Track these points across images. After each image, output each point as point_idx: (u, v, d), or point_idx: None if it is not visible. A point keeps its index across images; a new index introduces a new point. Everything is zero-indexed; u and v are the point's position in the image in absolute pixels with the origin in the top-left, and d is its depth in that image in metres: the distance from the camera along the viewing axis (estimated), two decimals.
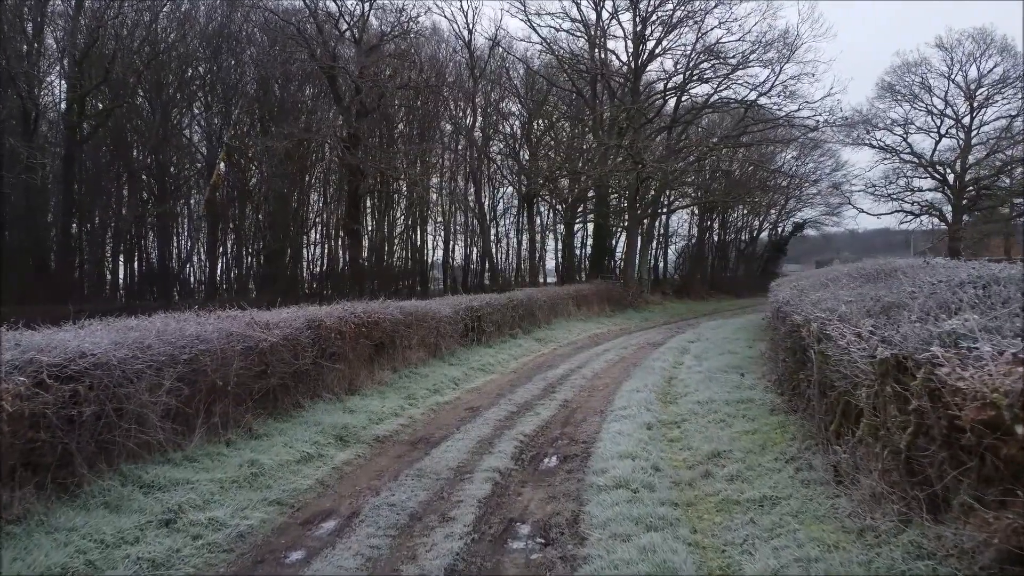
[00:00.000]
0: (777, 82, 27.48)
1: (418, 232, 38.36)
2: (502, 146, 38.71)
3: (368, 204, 36.64)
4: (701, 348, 14.72)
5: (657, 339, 18.74)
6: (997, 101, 38.46)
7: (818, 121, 27.99)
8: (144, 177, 30.37)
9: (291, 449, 6.97)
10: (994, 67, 37.98)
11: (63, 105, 27.03)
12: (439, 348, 13.54)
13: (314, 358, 9.14)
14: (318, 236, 36.60)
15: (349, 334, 10.02)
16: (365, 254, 36.60)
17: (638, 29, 29.22)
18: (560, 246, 37.76)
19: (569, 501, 5.80)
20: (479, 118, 35.60)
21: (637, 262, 32.24)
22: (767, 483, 5.44)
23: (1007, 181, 39.23)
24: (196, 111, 31.49)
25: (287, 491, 6.05)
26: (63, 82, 27.48)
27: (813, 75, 27.99)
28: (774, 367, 10.07)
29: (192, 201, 31.93)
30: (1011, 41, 37.54)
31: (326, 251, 36.42)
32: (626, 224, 32.89)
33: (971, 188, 39.72)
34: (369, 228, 36.86)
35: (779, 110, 28.33)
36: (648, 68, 30.67)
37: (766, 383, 9.25)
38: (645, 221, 33.78)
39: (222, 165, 26.00)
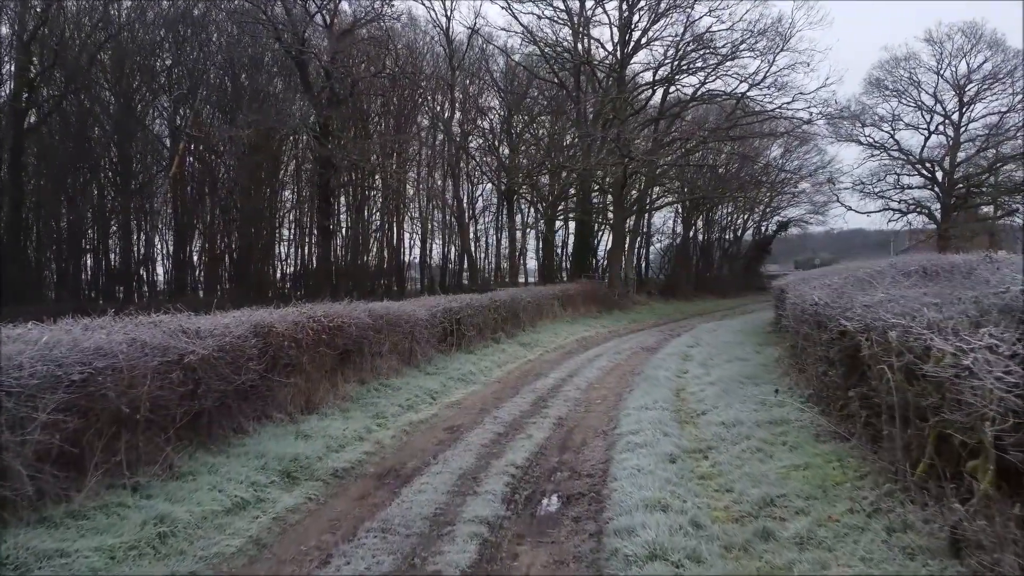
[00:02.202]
0: (771, 72, 26.29)
1: (394, 230, 36.72)
2: (481, 141, 37.26)
3: (343, 201, 35.01)
4: (704, 354, 13.34)
5: (650, 343, 17.36)
6: (986, 97, 37.69)
7: (811, 113, 26.87)
8: (105, 171, 28.40)
9: (220, 494, 5.44)
10: (984, 62, 37.18)
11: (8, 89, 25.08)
12: (414, 355, 12.03)
13: (262, 372, 7.60)
14: (292, 233, 34.89)
15: (306, 342, 8.48)
16: (341, 252, 34.98)
17: (624, 16, 27.86)
18: (541, 245, 36.32)
19: (584, 567, 4.37)
20: (457, 112, 34.11)
21: (623, 261, 30.88)
22: (855, 552, 4.02)
23: (992, 180, 38.45)
24: (164, 104, 29.57)
25: (206, 557, 4.53)
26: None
27: (808, 64, 26.76)
28: (801, 378, 8.70)
29: (156, 197, 30.00)
30: (1001, 36, 36.76)
31: (299, 250, 34.71)
32: (611, 221, 31.52)
33: (960, 185, 38.87)
34: (344, 226, 35.20)
35: (771, 102, 27.18)
36: (634, 59, 29.34)
37: (798, 399, 7.86)
38: (631, 218, 32.46)
39: (183, 154, 24.32)
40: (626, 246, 31.28)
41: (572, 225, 39.64)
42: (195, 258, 31.71)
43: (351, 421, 8.17)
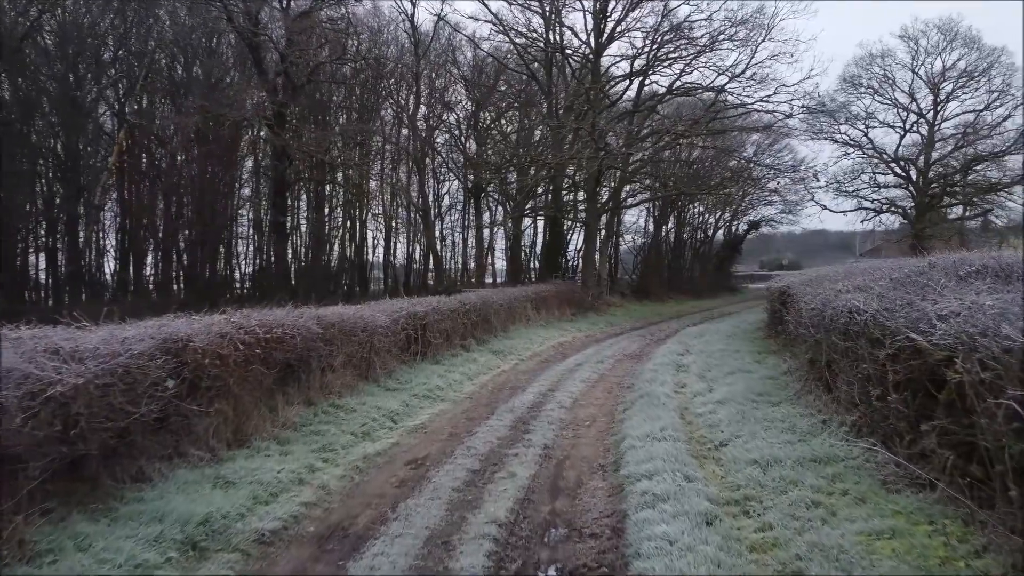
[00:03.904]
0: (752, 63, 25.05)
1: (357, 228, 34.91)
2: (447, 136, 35.65)
3: (304, 197, 33.10)
4: (700, 365, 11.95)
5: (633, 349, 15.98)
6: (961, 95, 37.12)
7: (793, 107, 25.70)
8: (44, 163, 26.12)
9: None
10: (958, 60, 36.60)
11: None
12: (372, 368, 10.44)
13: (173, 399, 5.98)
14: (250, 231, 32.84)
15: (235, 359, 6.86)
16: (302, 251, 33.06)
17: (600, 3, 26.44)
18: (509, 244, 34.85)
19: None
20: (422, 106, 32.48)
21: (597, 261, 29.50)
22: None
23: (965, 178, 37.93)
24: (108, 92, 27.29)
25: None
26: None
27: (791, 55, 25.59)
28: (831, 400, 7.33)
29: (96, 190, 27.71)
30: (976, 33, 36.23)
31: (257, 249, 32.69)
32: (584, 219, 30.09)
33: (934, 185, 38.27)
34: (304, 223, 33.31)
35: (751, 96, 25.96)
36: (610, 51, 27.99)
37: (835, 427, 6.46)
38: (604, 216, 31.10)
39: (125, 142, 22.30)
40: (598, 245, 29.88)
41: (541, 224, 38.31)
42: (148, 257, 29.56)
43: (290, 458, 6.57)
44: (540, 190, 33.07)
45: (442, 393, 10.42)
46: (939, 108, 37.45)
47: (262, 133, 26.83)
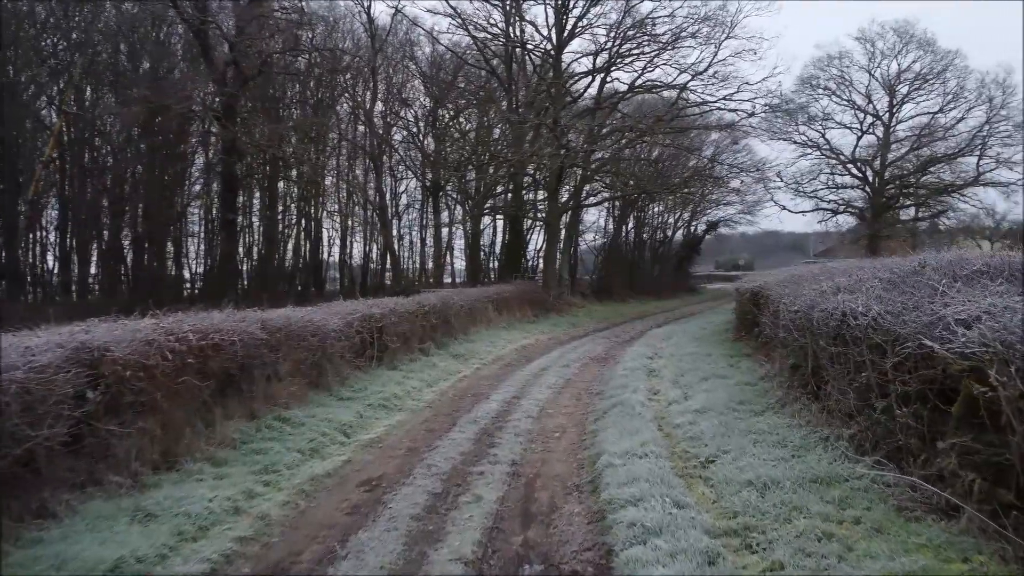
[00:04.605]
0: (715, 61, 24.78)
1: (312, 226, 33.76)
2: (405, 133, 34.78)
3: (257, 194, 31.84)
4: (672, 369, 11.41)
5: (599, 352, 15.42)
6: (916, 98, 37.57)
7: (755, 105, 25.49)
8: None
9: None
10: (913, 62, 37.03)
11: None
12: (324, 375, 9.65)
13: (87, 419, 5.16)
14: (200, 229, 31.38)
15: (164, 369, 6.04)
16: (256, 250, 31.80)
17: (560, 0, 25.90)
18: (468, 243, 34.14)
19: None
20: (379, 103, 31.54)
21: (558, 261, 28.93)
22: None
23: (919, 180, 38.42)
24: (44, 81, 25.69)
25: None
26: None
27: (755, 52, 25.31)
28: (821, 409, 6.82)
29: (29, 185, 26.07)
30: (931, 36, 36.68)
31: (207, 247, 31.28)
32: (545, 218, 29.49)
33: (890, 186, 38.68)
34: (256, 221, 32.05)
35: (713, 94, 25.68)
36: (570, 46, 27.34)
37: (831, 441, 5.92)
38: (566, 215, 30.58)
39: (60, 132, 20.97)
40: (560, 244, 29.33)
41: (501, 223, 37.67)
42: (92, 255, 27.97)
43: (225, 482, 5.78)
44: (500, 189, 32.45)
45: (400, 402, 9.69)
46: (895, 110, 37.88)
47: (213, 127, 25.65)
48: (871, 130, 38.58)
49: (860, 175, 39.34)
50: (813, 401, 7.09)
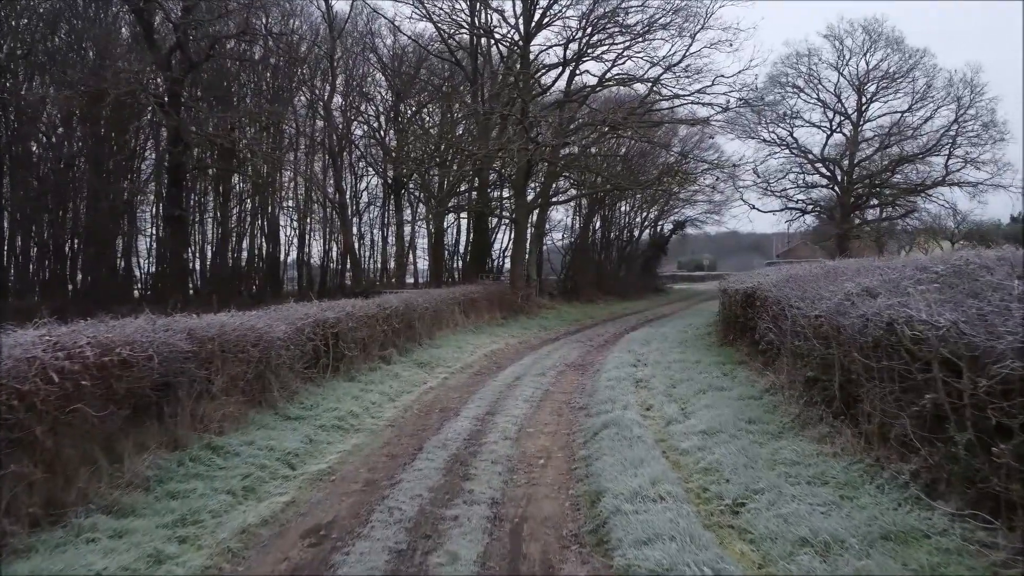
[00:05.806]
0: (689, 52, 23.86)
1: (267, 224, 32.04)
2: (366, 128, 33.34)
3: (209, 189, 30.03)
4: (661, 379, 10.30)
5: (574, 358, 14.31)
6: (884, 97, 37.27)
7: (730, 100, 24.64)
8: None
9: None
10: (882, 60, 36.70)
11: None
12: (268, 390, 8.33)
13: None
14: (151, 226, 29.39)
15: (47, 395, 4.70)
16: (209, 249, 30.01)
17: None
18: (431, 242, 32.81)
19: None
20: (338, 96, 30.10)
21: (527, 260, 27.77)
22: None
23: (886, 179, 38.13)
24: None
25: None
26: None
27: (731, 44, 24.41)
28: (858, 435, 5.75)
29: None
30: (899, 35, 36.34)
31: (159, 246, 29.35)
32: (513, 216, 28.29)
33: (859, 185, 38.35)
34: (210, 218, 30.25)
35: (687, 88, 24.79)
36: (539, 36, 26.18)
37: (885, 477, 4.85)
38: (534, 213, 29.45)
39: None
40: (528, 243, 28.17)
41: (465, 222, 36.39)
42: (32, 253, 25.91)
43: (125, 542, 4.47)
44: (464, 187, 31.23)
45: (357, 421, 8.41)
46: (863, 109, 37.54)
47: (155, 117, 23.93)
48: (840, 129, 38.23)
49: (829, 174, 38.95)
50: (849, 425, 6.01)
